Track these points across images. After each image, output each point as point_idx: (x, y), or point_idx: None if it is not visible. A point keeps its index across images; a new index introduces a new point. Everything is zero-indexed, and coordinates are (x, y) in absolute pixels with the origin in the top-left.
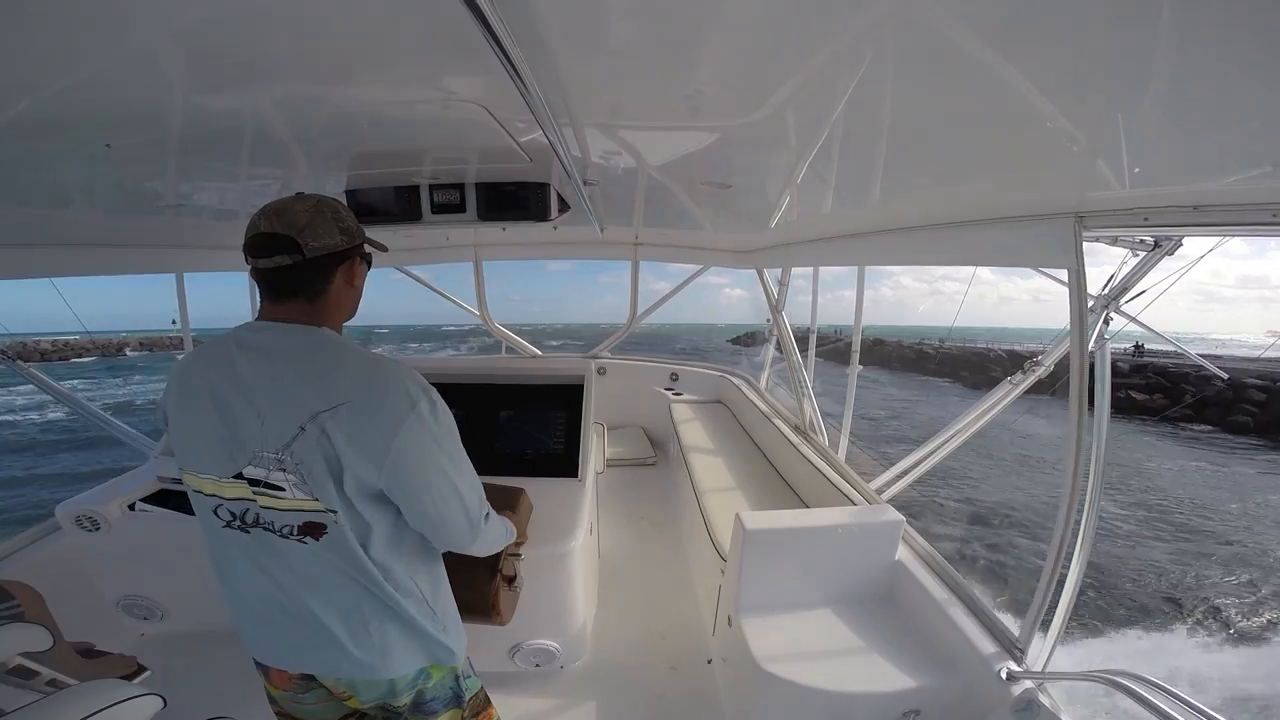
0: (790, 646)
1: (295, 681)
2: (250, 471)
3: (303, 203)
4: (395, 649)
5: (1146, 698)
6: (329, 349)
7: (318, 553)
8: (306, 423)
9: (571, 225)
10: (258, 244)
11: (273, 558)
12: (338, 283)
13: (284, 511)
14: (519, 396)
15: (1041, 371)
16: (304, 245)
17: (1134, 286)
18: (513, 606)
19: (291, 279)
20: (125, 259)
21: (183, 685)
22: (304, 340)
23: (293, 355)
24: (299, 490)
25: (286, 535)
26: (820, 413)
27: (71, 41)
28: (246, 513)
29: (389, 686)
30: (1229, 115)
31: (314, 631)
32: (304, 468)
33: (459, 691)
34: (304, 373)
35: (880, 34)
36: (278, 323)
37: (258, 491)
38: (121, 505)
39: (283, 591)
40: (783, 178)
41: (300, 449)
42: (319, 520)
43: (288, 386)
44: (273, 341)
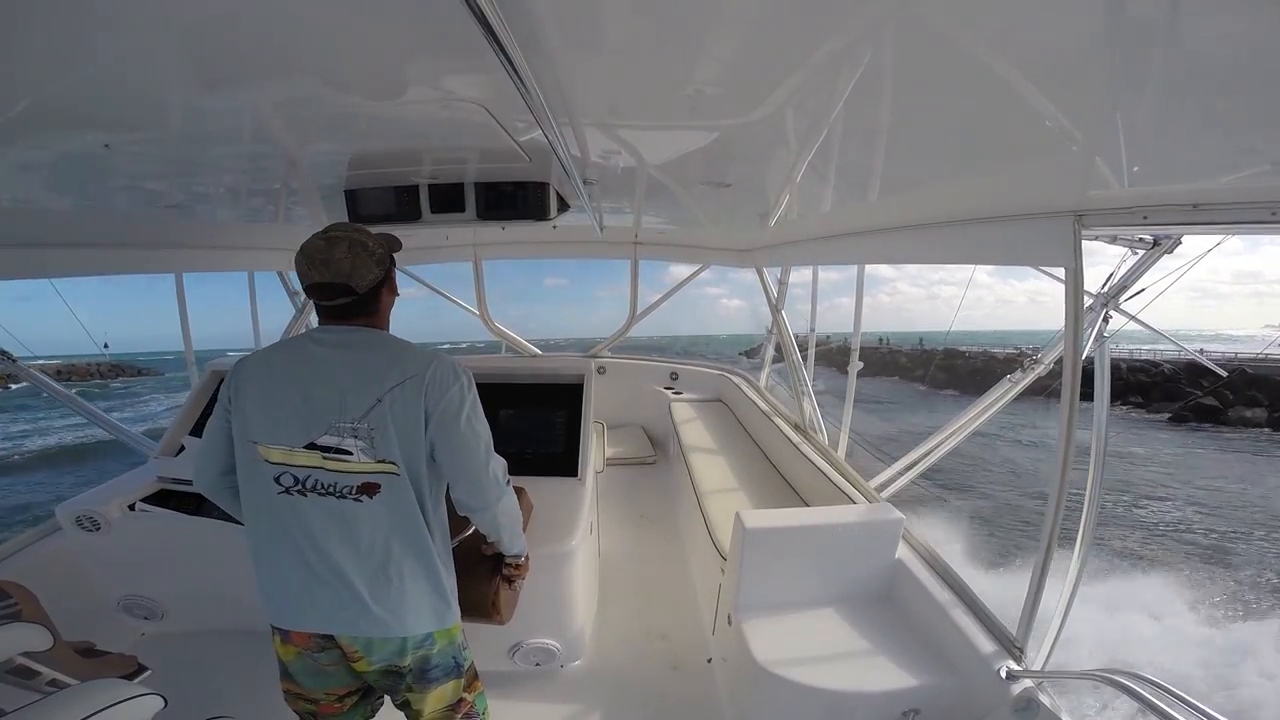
0: (790, 646)
1: (314, 640)
2: (324, 440)
3: (338, 248)
4: (413, 607)
5: (1146, 696)
6: (393, 340)
7: (371, 509)
8: (383, 394)
9: (571, 224)
10: (320, 291)
11: (328, 517)
12: (384, 298)
13: (347, 474)
14: (519, 396)
15: (1041, 370)
16: (355, 286)
17: (1133, 285)
18: (513, 606)
19: (351, 309)
20: (124, 259)
21: (183, 685)
22: (371, 336)
23: (366, 346)
24: (364, 454)
25: (344, 495)
26: (820, 411)
27: (71, 42)
28: (309, 478)
29: (400, 645)
30: (1228, 114)
31: (346, 591)
32: (376, 432)
33: (460, 661)
34: (379, 358)
35: (879, 33)
36: (345, 325)
37: (327, 457)
38: (121, 505)
39: (325, 553)
40: (782, 177)
41: (376, 417)
42: (376, 480)
43: (368, 368)
44: (348, 338)
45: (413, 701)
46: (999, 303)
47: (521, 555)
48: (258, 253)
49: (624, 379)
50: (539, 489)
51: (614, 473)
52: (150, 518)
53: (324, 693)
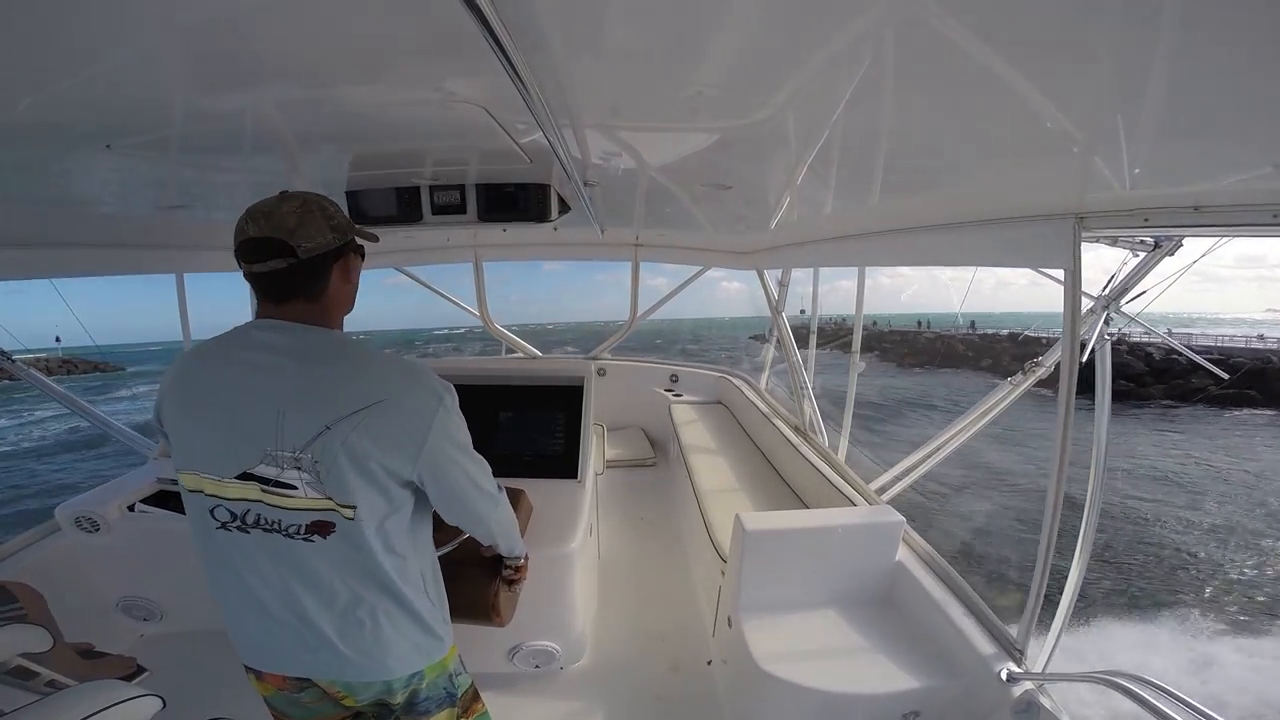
0: (790, 647)
1: (290, 682)
2: (261, 470)
3: (289, 203)
4: (391, 649)
5: (1146, 699)
6: (353, 350)
7: (324, 550)
8: (335, 421)
9: (572, 226)
10: (249, 249)
11: (273, 558)
12: (335, 280)
13: (292, 510)
14: (519, 397)
15: (1042, 371)
16: (297, 247)
17: (1134, 287)
18: (512, 608)
19: (288, 281)
20: (125, 259)
21: (182, 686)
22: (318, 340)
23: (318, 355)
24: (311, 489)
25: (293, 535)
26: (820, 413)
27: (72, 42)
28: (248, 513)
29: (384, 686)
30: (1229, 115)
31: (310, 634)
32: (321, 465)
33: (451, 690)
34: (333, 373)
35: (880, 35)
36: (286, 322)
37: (266, 490)
38: (121, 506)
39: (280, 593)
40: (783, 179)
41: (321, 447)
42: (328, 519)
43: (316, 385)
44: (290, 341)
45: None
46: (999, 284)
47: (520, 557)
48: None
49: (624, 381)
50: (539, 491)
51: (614, 475)
52: (150, 519)
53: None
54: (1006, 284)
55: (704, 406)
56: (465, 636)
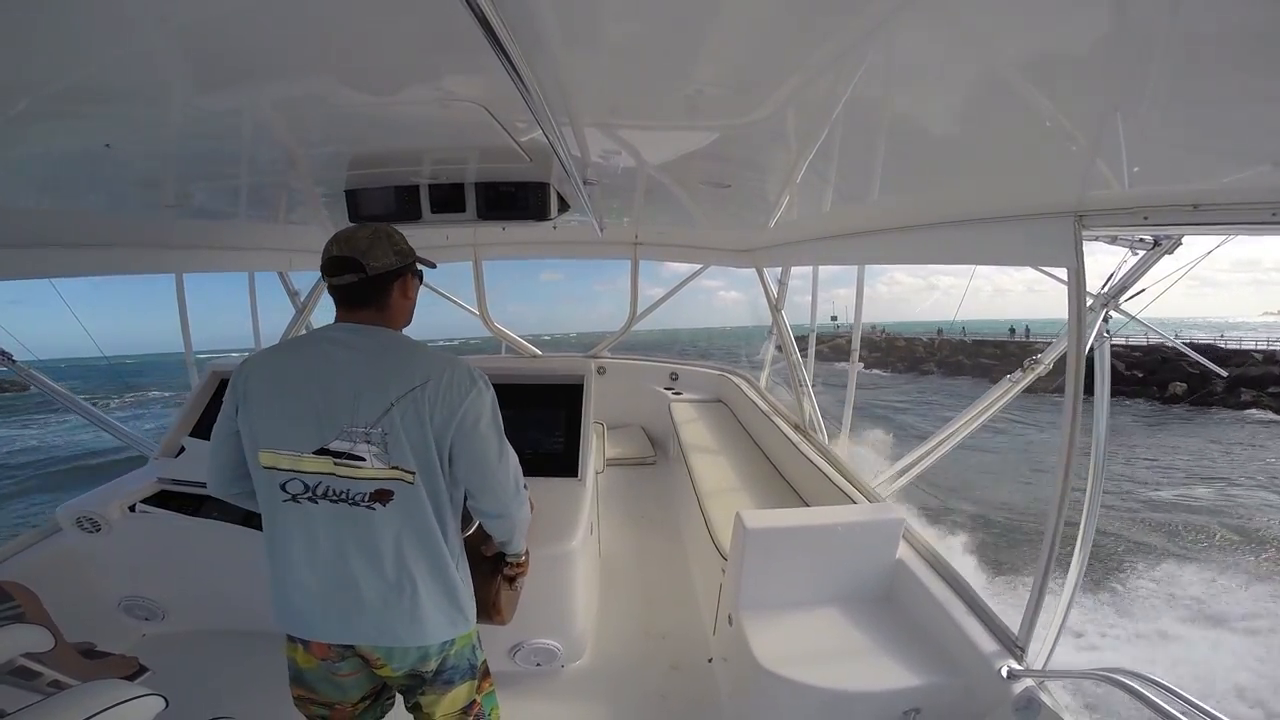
0: (791, 645)
1: (334, 650)
2: (336, 445)
3: (364, 230)
4: (431, 616)
5: (1147, 695)
6: (408, 343)
7: (385, 516)
8: (398, 398)
9: (571, 225)
10: (331, 266)
11: (341, 525)
12: (396, 294)
13: (360, 480)
14: (519, 396)
15: (1041, 370)
16: (366, 265)
17: (1134, 285)
18: (514, 606)
19: (358, 292)
20: (124, 259)
21: (184, 685)
22: (384, 337)
23: (383, 347)
24: (378, 460)
25: (358, 502)
26: (820, 411)
27: (72, 41)
28: (319, 485)
29: (421, 653)
30: (1228, 114)
31: (360, 599)
32: (390, 437)
33: (474, 662)
34: (394, 360)
35: (879, 33)
36: (356, 324)
37: (339, 463)
38: (122, 506)
39: (339, 559)
40: (782, 177)
41: (390, 421)
42: (389, 487)
43: (382, 370)
44: (362, 338)
45: (425, 704)
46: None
47: (521, 554)
48: (258, 253)
49: (624, 379)
50: (539, 489)
51: (614, 473)
52: (151, 519)
53: (341, 700)
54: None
55: (704, 405)
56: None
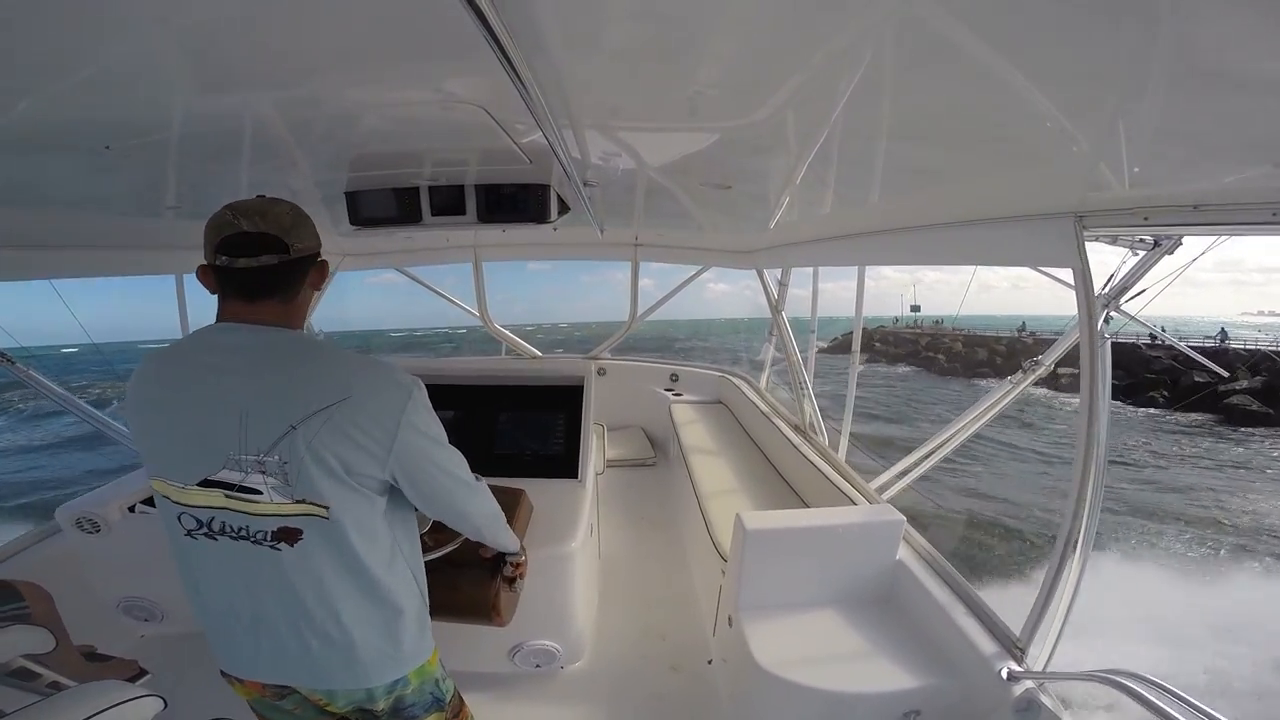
0: (791, 646)
1: (270, 690)
2: (224, 475)
3: (281, 205)
4: (371, 658)
5: (1148, 698)
6: (313, 348)
7: (295, 557)
8: (300, 420)
9: (571, 226)
10: (240, 242)
11: (243, 566)
12: (307, 284)
13: (259, 517)
14: (519, 398)
15: (1042, 370)
16: (291, 245)
17: (1134, 285)
18: (513, 607)
19: (271, 279)
20: (124, 261)
21: (183, 686)
22: (282, 340)
23: (279, 355)
24: (277, 494)
25: (260, 541)
26: (820, 412)
27: (71, 43)
28: (213, 520)
29: (366, 694)
30: (1228, 115)
31: (288, 641)
32: (290, 468)
33: (439, 695)
34: (295, 373)
35: (880, 34)
36: (249, 324)
37: (230, 496)
38: (121, 507)
39: (253, 600)
40: (783, 178)
41: (288, 448)
42: (294, 525)
43: (277, 387)
44: (251, 342)
45: None
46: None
47: (516, 551)
48: None
49: (624, 381)
50: (539, 491)
51: (614, 474)
52: (150, 519)
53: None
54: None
55: (704, 406)
56: (466, 636)
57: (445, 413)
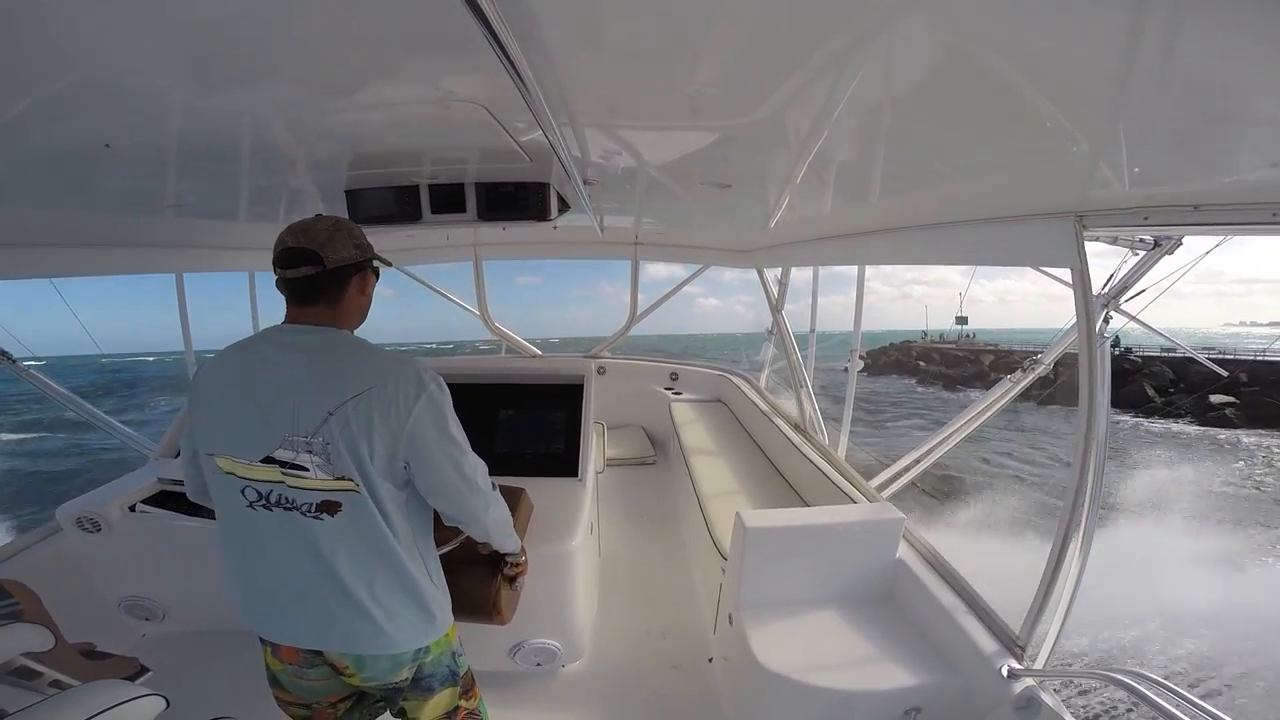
0: (791, 645)
1: (302, 655)
2: (280, 454)
3: (323, 222)
4: (398, 624)
5: (1149, 695)
6: (353, 346)
7: (333, 528)
8: (335, 408)
9: (571, 225)
10: (287, 257)
11: (293, 534)
12: (352, 290)
13: (306, 490)
14: (519, 396)
15: (1041, 370)
16: (325, 258)
17: (1134, 286)
18: (514, 606)
19: (314, 286)
20: (125, 259)
21: (184, 685)
22: (330, 339)
23: (322, 351)
24: (321, 470)
25: (306, 513)
26: (820, 412)
27: (72, 42)
28: (272, 493)
29: (391, 663)
30: (1228, 115)
31: (324, 607)
32: (331, 448)
33: (454, 669)
34: (333, 366)
35: (880, 34)
36: (304, 325)
37: (286, 472)
38: (122, 506)
39: (298, 567)
40: (783, 177)
41: (328, 431)
42: (335, 499)
43: (320, 378)
44: (303, 341)
45: (409, 710)
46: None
47: (516, 553)
48: (258, 253)
49: (624, 379)
50: (539, 489)
51: (614, 473)
52: (151, 519)
53: (317, 700)
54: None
55: (704, 405)
56: (466, 635)
57: None
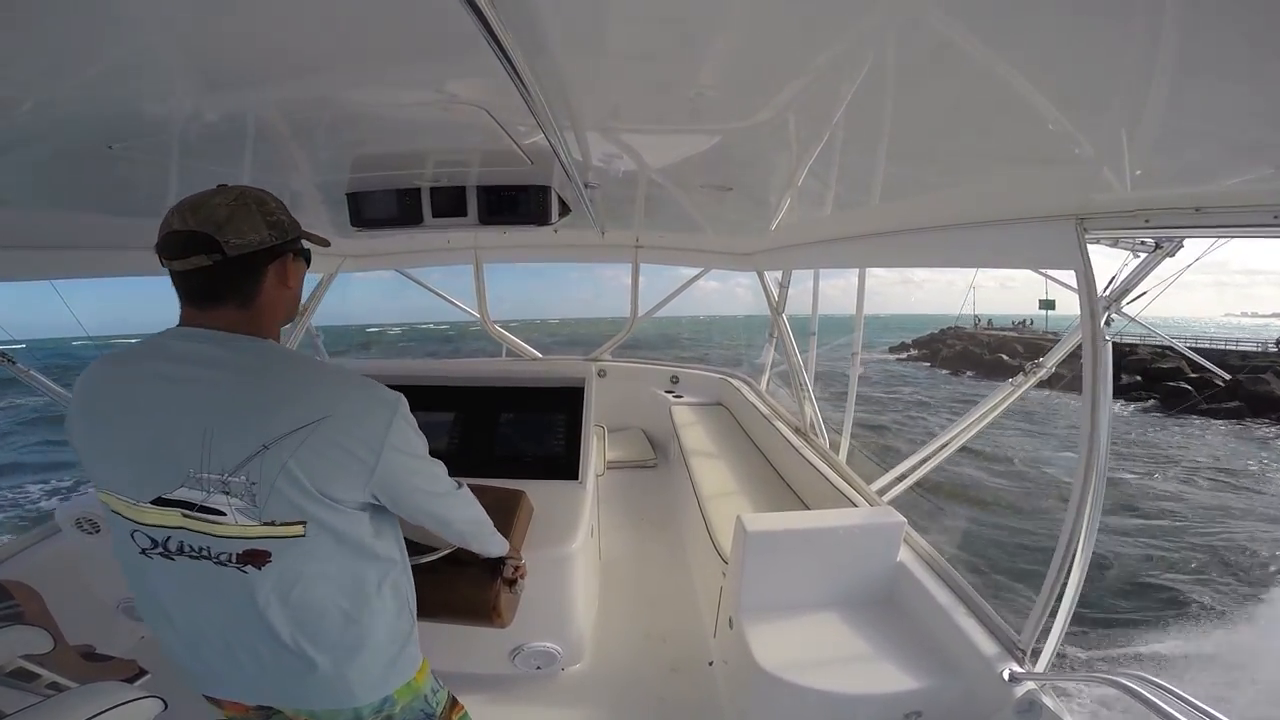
0: (792, 648)
1: (254, 711)
2: (183, 494)
3: (223, 195)
4: (355, 676)
5: (1150, 699)
6: (290, 361)
7: (263, 579)
8: (273, 440)
9: (572, 228)
10: (171, 244)
11: (208, 586)
12: (269, 283)
13: (222, 538)
14: (519, 399)
15: (1044, 372)
16: (224, 243)
17: (1135, 288)
18: (514, 609)
19: (212, 282)
20: (126, 261)
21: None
22: (258, 351)
23: (251, 369)
24: (243, 515)
25: (224, 563)
26: (820, 414)
27: (73, 43)
28: (169, 540)
29: (353, 714)
30: (1230, 117)
31: (265, 662)
32: (259, 489)
33: (429, 710)
34: (266, 388)
35: (882, 36)
36: (213, 330)
37: (189, 515)
38: None
39: (222, 622)
40: (784, 180)
41: (259, 468)
42: (262, 547)
43: (249, 402)
44: (217, 352)
45: None
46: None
47: (506, 554)
48: None
49: (624, 382)
50: (540, 492)
51: (615, 476)
52: None
53: None
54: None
55: (704, 408)
56: (466, 637)
57: (446, 414)
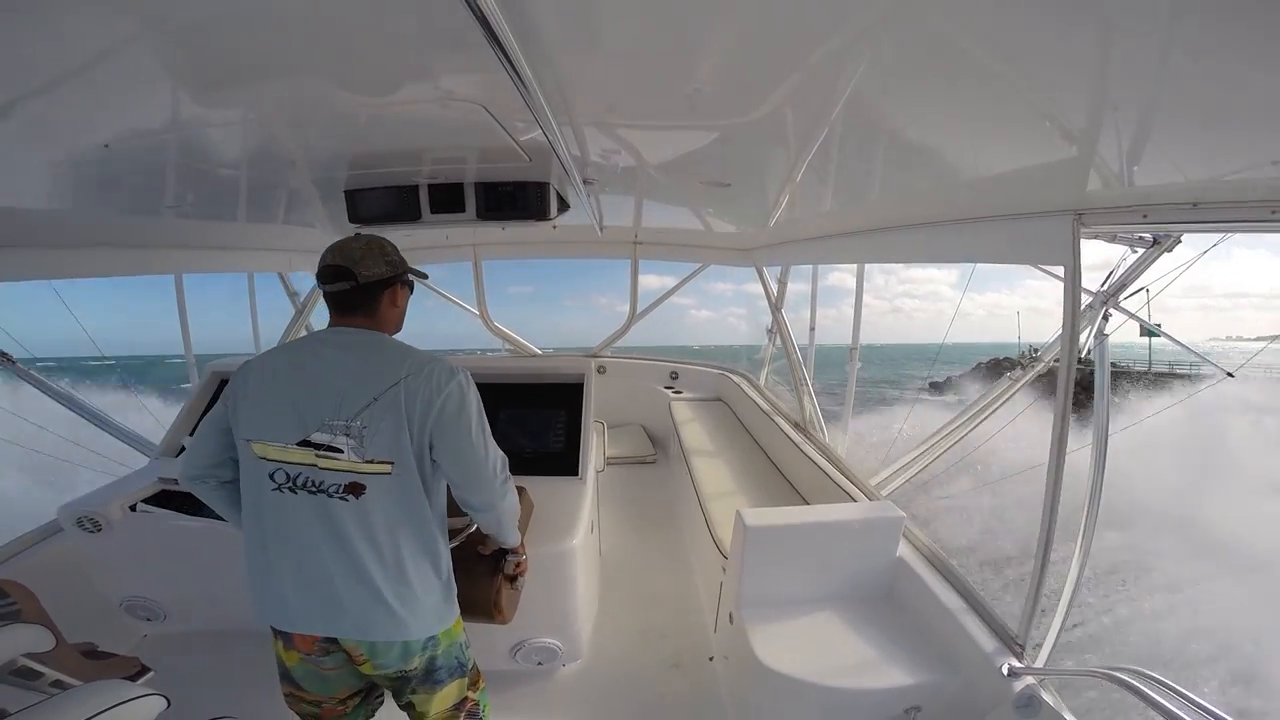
0: (792, 643)
1: (318, 645)
2: (317, 437)
3: (358, 241)
4: (410, 609)
5: (1148, 694)
6: (394, 345)
7: (358, 508)
8: (379, 394)
9: (571, 224)
10: (325, 274)
11: (316, 517)
12: (384, 303)
13: (336, 472)
14: (519, 395)
15: (1041, 367)
16: (358, 274)
17: (1132, 283)
18: (514, 605)
19: (349, 300)
20: (124, 260)
21: (186, 685)
22: (375, 339)
23: (368, 347)
24: (353, 453)
25: (332, 494)
26: (820, 410)
27: (70, 42)
28: (300, 475)
29: (403, 649)
30: (1227, 113)
31: (340, 593)
32: (367, 431)
33: (463, 660)
34: (377, 359)
35: (879, 32)
36: (349, 327)
37: (320, 454)
38: (123, 506)
39: (317, 551)
40: (782, 176)
41: (370, 415)
42: (362, 480)
43: (365, 368)
44: (351, 339)
45: (417, 704)
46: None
47: (517, 547)
48: (258, 253)
49: (624, 378)
50: (540, 488)
51: (615, 472)
52: (151, 518)
53: (328, 695)
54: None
55: (704, 403)
56: (467, 634)
57: None
